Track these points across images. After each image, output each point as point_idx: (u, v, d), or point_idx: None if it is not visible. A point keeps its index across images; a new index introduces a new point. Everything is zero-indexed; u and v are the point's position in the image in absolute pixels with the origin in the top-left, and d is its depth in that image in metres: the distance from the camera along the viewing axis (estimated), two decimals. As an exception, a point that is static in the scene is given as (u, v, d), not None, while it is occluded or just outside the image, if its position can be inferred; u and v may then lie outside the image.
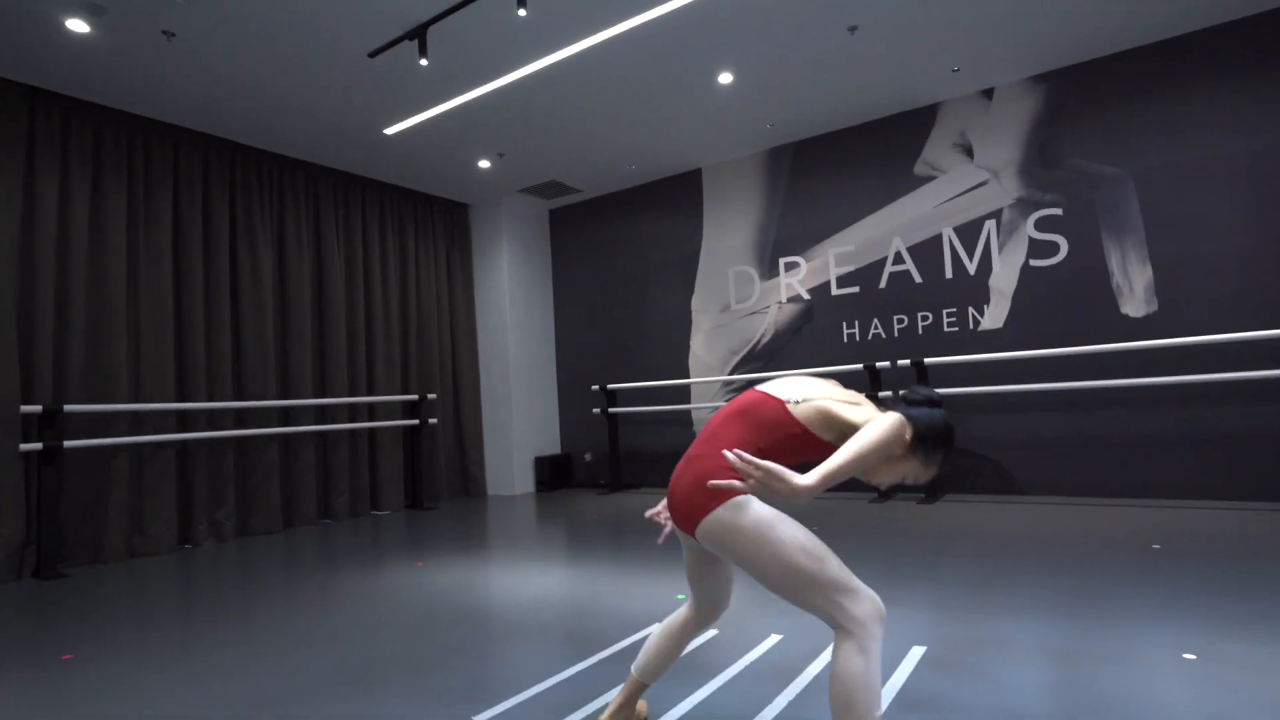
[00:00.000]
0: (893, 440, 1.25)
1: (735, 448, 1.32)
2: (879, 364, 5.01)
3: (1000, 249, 4.92)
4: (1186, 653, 1.97)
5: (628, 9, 3.73)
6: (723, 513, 1.28)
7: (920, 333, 5.19)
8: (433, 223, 6.67)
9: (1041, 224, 4.79)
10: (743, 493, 1.21)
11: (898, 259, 5.31)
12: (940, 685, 1.86)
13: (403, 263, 6.39)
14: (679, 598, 2.81)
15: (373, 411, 5.96)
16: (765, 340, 5.89)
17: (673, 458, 6.35)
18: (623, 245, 6.77)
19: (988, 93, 5.00)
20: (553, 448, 7.06)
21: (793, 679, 1.95)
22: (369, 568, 3.72)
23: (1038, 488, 4.73)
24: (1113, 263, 4.56)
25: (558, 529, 4.65)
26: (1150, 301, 4.44)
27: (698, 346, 6.28)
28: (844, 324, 5.53)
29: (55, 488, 3.98)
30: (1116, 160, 4.55)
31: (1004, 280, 4.90)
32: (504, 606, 2.86)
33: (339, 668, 2.24)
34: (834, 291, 5.58)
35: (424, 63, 3.88)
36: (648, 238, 6.61)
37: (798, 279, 5.78)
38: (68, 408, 4.05)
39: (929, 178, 5.21)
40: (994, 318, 4.92)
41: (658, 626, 1.61)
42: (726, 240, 6.14)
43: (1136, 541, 3.32)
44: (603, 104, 4.88)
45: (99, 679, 2.25)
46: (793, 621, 2.45)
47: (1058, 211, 4.74)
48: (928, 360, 4.77)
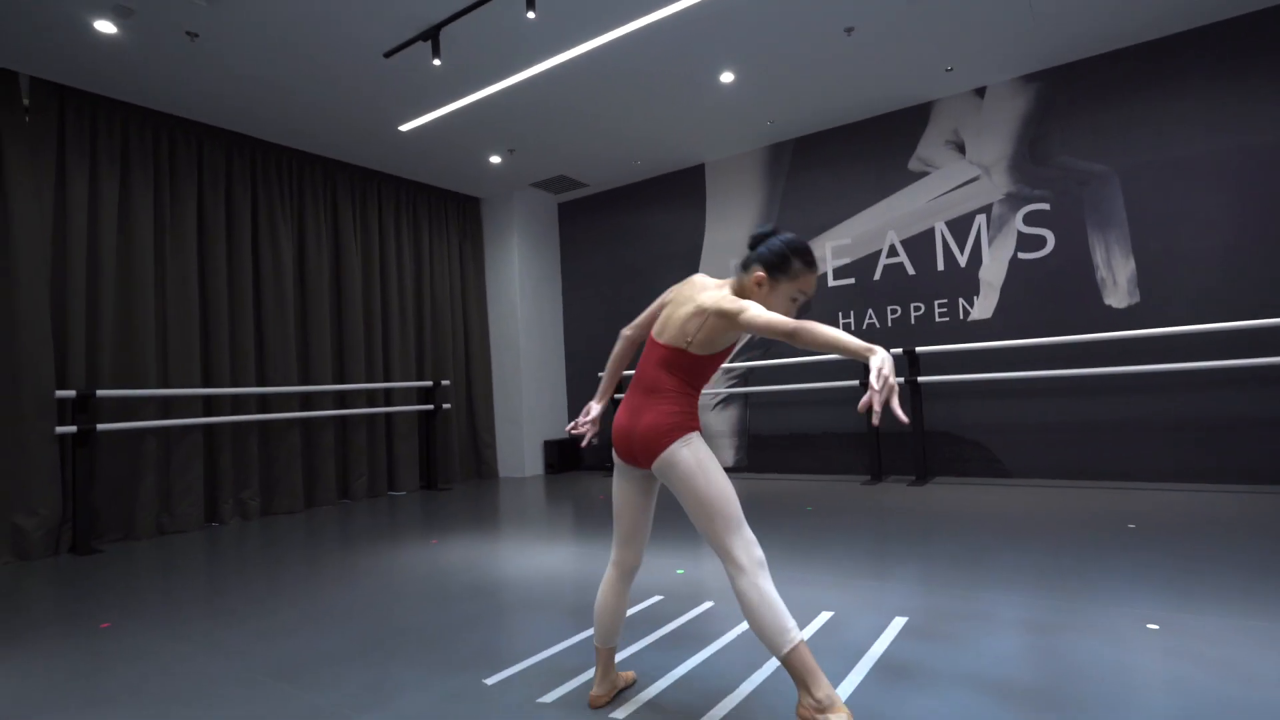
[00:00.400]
0: (761, 314, 1.39)
1: (677, 393, 1.56)
2: (872, 353, 5.03)
3: (990, 242, 4.93)
4: (1150, 623, 2.03)
5: (633, 11, 3.74)
6: (678, 447, 1.51)
7: (913, 322, 5.21)
8: (446, 216, 6.71)
9: (1030, 218, 4.79)
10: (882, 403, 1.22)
11: (892, 252, 5.32)
12: (918, 653, 1.91)
13: (417, 254, 6.43)
14: (678, 572, 2.88)
15: (389, 397, 6.04)
16: (764, 330, 5.92)
17: (674, 442, 6.41)
18: (629, 237, 6.79)
19: (980, 91, 4.98)
20: (561, 432, 7.14)
21: (782, 648, 2.01)
22: (386, 545, 3.80)
23: (1024, 471, 4.77)
24: (1097, 256, 4.56)
25: (565, 509, 4.72)
26: (1133, 293, 4.45)
27: (699, 336, 6.31)
28: (839, 314, 5.55)
29: (89, 469, 4.07)
30: (1103, 157, 4.55)
31: (993, 272, 4.91)
32: (513, 581, 2.93)
33: (358, 637, 2.31)
34: (831, 283, 5.60)
35: (437, 63, 3.90)
36: (653, 230, 6.63)
37: (795, 271, 5.79)
38: (100, 393, 4.13)
39: (923, 173, 5.21)
40: (983, 308, 4.94)
41: (600, 598, 1.68)
42: (728, 233, 6.16)
43: (1113, 521, 3.37)
44: (609, 102, 4.89)
45: (135, 645, 2.34)
46: (783, 594, 2.51)
47: (1045, 207, 4.74)
48: (919, 349, 4.81)
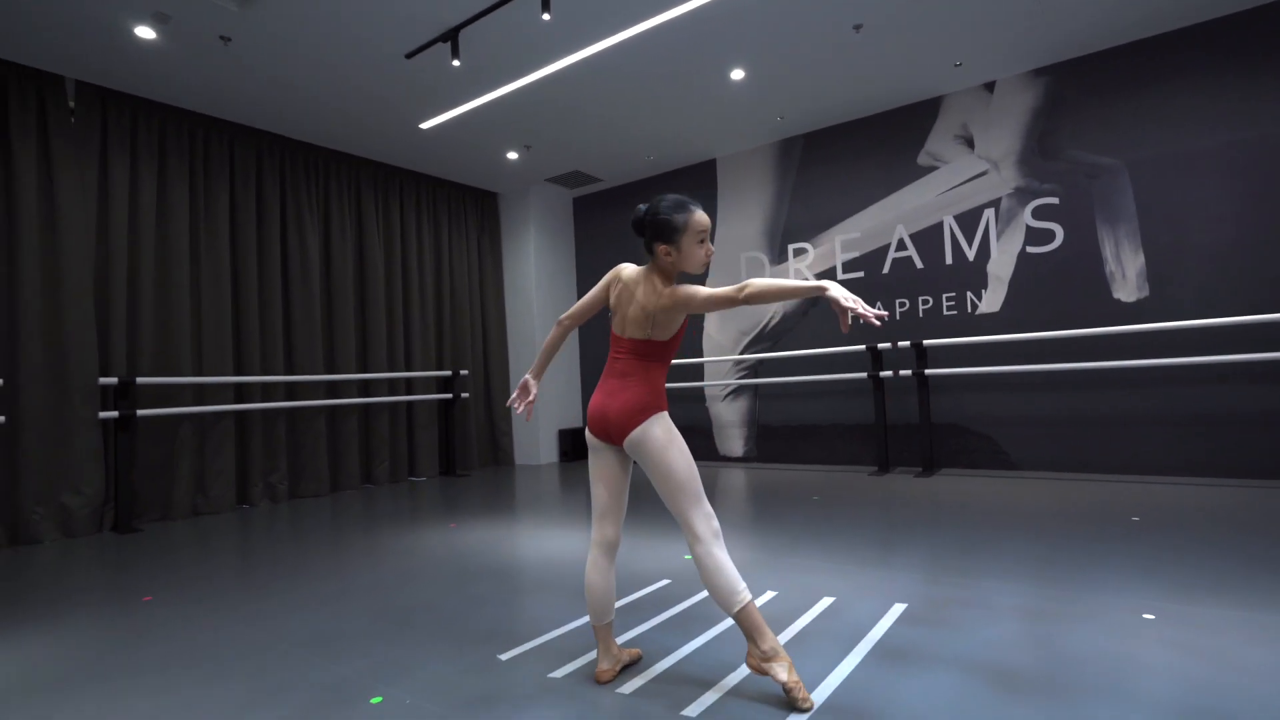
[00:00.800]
0: (701, 293, 1.59)
1: (647, 376, 1.68)
2: (880, 345, 5.01)
3: (999, 236, 4.87)
4: (1146, 613, 2.02)
5: (645, 11, 3.73)
6: (650, 424, 1.64)
7: (921, 316, 5.18)
8: (465, 210, 6.76)
9: (1039, 212, 4.73)
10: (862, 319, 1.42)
11: (900, 245, 5.28)
12: (915, 638, 1.93)
13: (437, 247, 6.50)
14: (686, 558, 2.92)
15: (410, 386, 6.13)
16: (774, 322, 5.92)
17: (687, 430, 6.43)
18: (641, 232, 6.79)
19: (989, 86, 4.90)
20: (575, 421, 7.20)
21: (784, 628, 2.04)
22: (407, 528, 3.88)
23: (1030, 464, 4.73)
24: (1106, 250, 4.49)
25: (578, 495, 4.78)
26: (1142, 287, 4.38)
27: (711, 328, 6.32)
28: (848, 308, 5.52)
29: (130, 452, 4.20)
30: (1113, 151, 4.46)
31: (1002, 266, 4.85)
32: (528, 563, 2.99)
33: (380, 613, 2.39)
34: (839, 276, 5.57)
35: (456, 63, 3.93)
36: (664, 225, 6.62)
37: (805, 264, 5.77)
38: (140, 380, 4.25)
39: (931, 168, 5.15)
40: (991, 302, 4.89)
41: (588, 580, 1.74)
42: (739, 227, 6.14)
43: (1118, 514, 3.34)
44: (622, 99, 4.89)
45: (175, 617, 2.43)
46: (787, 580, 2.53)
47: (1054, 200, 4.67)
48: (927, 341, 4.77)
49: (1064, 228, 4.63)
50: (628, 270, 1.74)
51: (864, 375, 5.11)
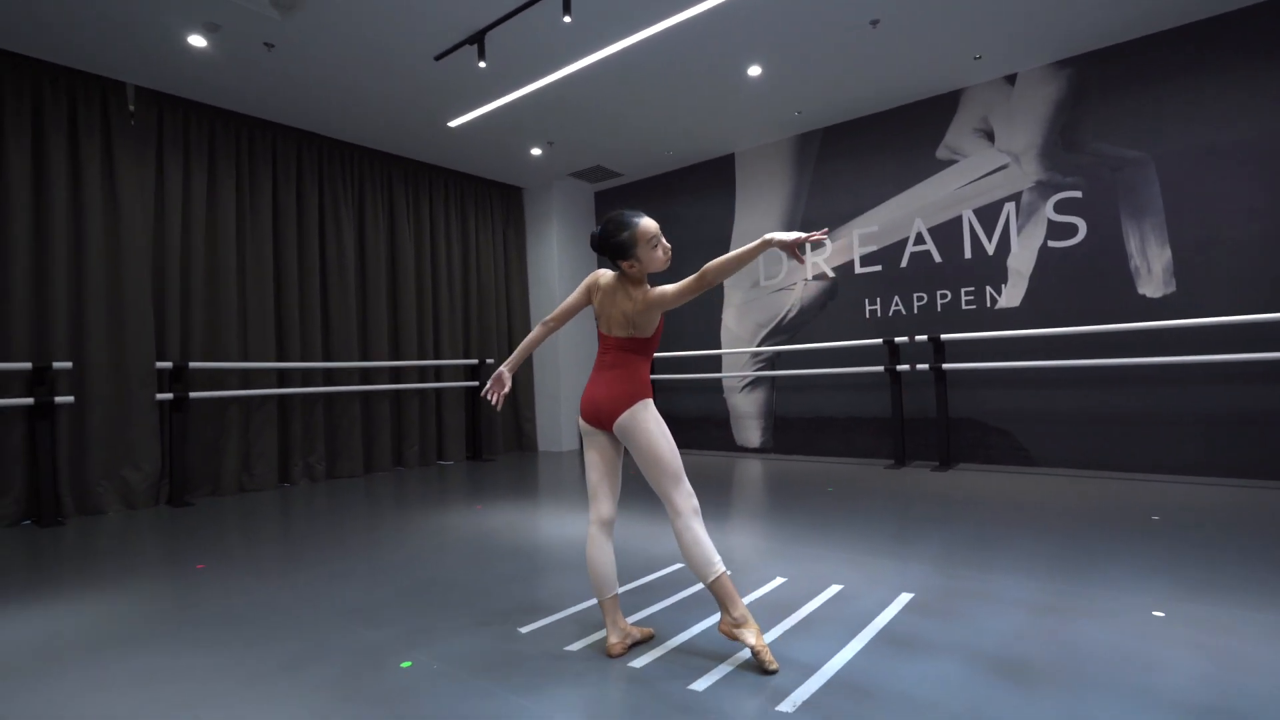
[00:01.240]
0: (669, 292, 1.75)
1: (634, 367, 1.82)
2: (898, 339, 4.98)
3: (1019, 230, 4.78)
4: (1157, 610, 1.99)
5: (663, 9, 3.75)
6: (637, 409, 1.78)
7: (939, 310, 5.12)
8: (490, 205, 6.87)
9: (1061, 206, 4.63)
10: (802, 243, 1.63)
11: (919, 239, 5.22)
12: (919, 626, 1.96)
13: (464, 240, 6.62)
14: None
15: (439, 373, 6.29)
16: (791, 315, 5.91)
17: (705, 421, 6.48)
18: (661, 224, 6.78)
19: (1010, 78, 4.80)
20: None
21: (790, 613, 2.10)
22: (436, 509, 4.02)
23: (1050, 460, 4.65)
24: (1131, 244, 4.39)
25: (598, 480, 4.86)
26: (1168, 283, 4.27)
27: (729, 320, 6.34)
28: (866, 301, 5.49)
29: (183, 431, 4.43)
30: (1139, 143, 4.34)
31: (1022, 261, 4.77)
32: (549, 544, 3.09)
33: (410, 587, 2.51)
34: (857, 270, 5.54)
35: (482, 64, 4.01)
36: (685, 218, 6.65)
37: (823, 258, 5.75)
38: (192, 365, 4.46)
39: (951, 161, 5.07)
40: (1012, 296, 4.82)
41: (590, 558, 1.84)
42: (757, 221, 6.13)
43: (1138, 512, 3.25)
44: (642, 96, 4.92)
45: (224, 585, 2.59)
46: (796, 568, 2.58)
47: (1077, 194, 4.56)
48: (944, 336, 4.73)
49: (1087, 222, 4.53)
50: (605, 276, 1.89)
51: (881, 369, 5.09)
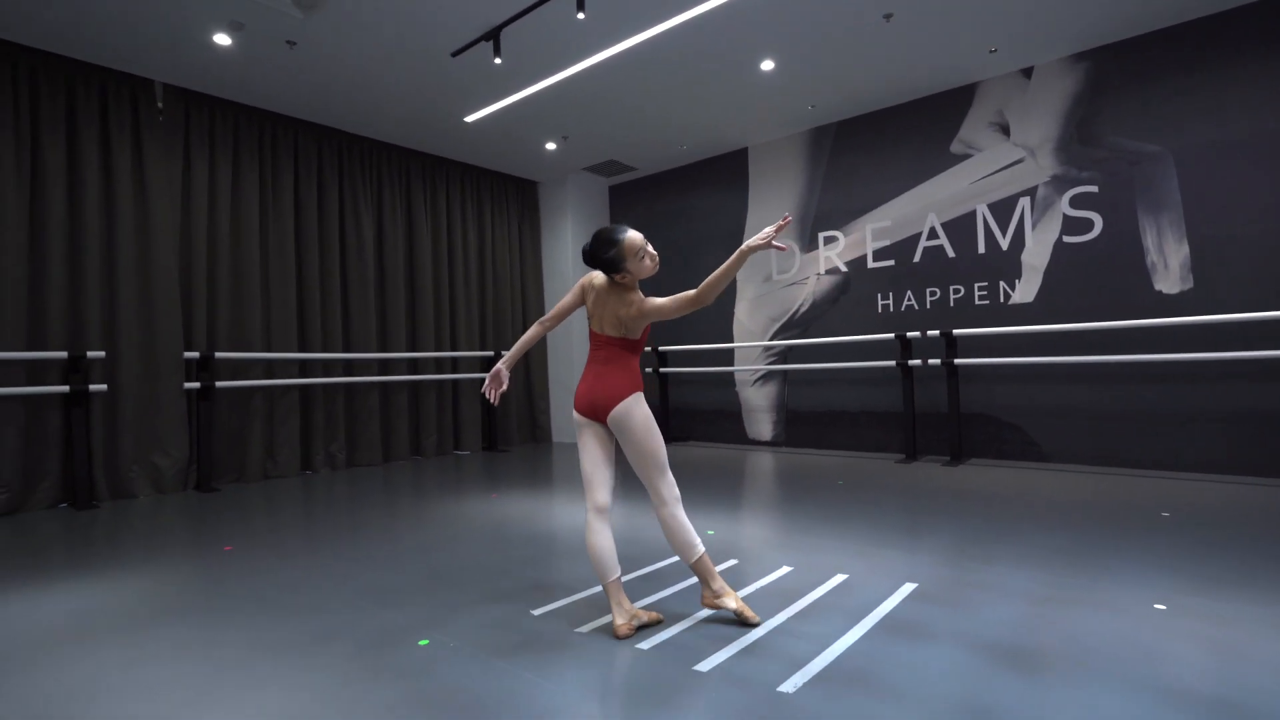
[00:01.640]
0: (665, 305, 1.87)
1: (626, 363, 1.95)
2: (910, 334, 4.97)
3: (1034, 225, 4.74)
4: (1158, 604, 2.00)
5: (678, 4, 3.76)
6: (630, 403, 1.90)
7: (952, 305, 5.10)
8: (506, 198, 6.93)
9: (1077, 201, 4.57)
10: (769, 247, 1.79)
11: (932, 234, 5.19)
12: (921, 615, 1.99)
13: (480, 234, 6.69)
14: (709, 533, 3.03)
15: (455, 364, 6.38)
16: (804, 309, 5.91)
17: (717, 414, 6.51)
18: (675, 218, 6.84)
19: (1027, 72, 4.74)
20: (610, 401, 7.34)
21: (795, 600, 2.14)
22: (453, 496, 4.11)
23: (1063, 456, 4.62)
24: (1148, 240, 4.33)
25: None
26: (1185, 279, 4.21)
27: (741, 314, 6.35)
28: (879, 295, 5.48)
29: (209, 419, 4.56)
30: (1156, 138, 4.27)
31: (1037, 256, 4.73)
32: (562, 531, 3.15)
33: (428, 570, 2.58)
34: (870, 265, 5.52)
35: (498, 61, 4.05)
36: (698, 211, 6.65)
37: (836, 252, 5.73)
38: (218, 355, 4.59)
39: (965, 156, 5.02)
40: (1025, 292, 4.78)
41: (591, 543, 1.92)
42: (771, 214, 6.12)
43: (1148, 509, 3.22)
44: (656, 91, 4.93)
45: (251, 566, 2.69)
46: (803, 558, 2.62)
47: (1094, 189, 4.51)
48: (957, 331, 4.71)
49: (1103, 217, 4.47)
50: (599, 278, 1.99)
51: (893, 363, 5.08)
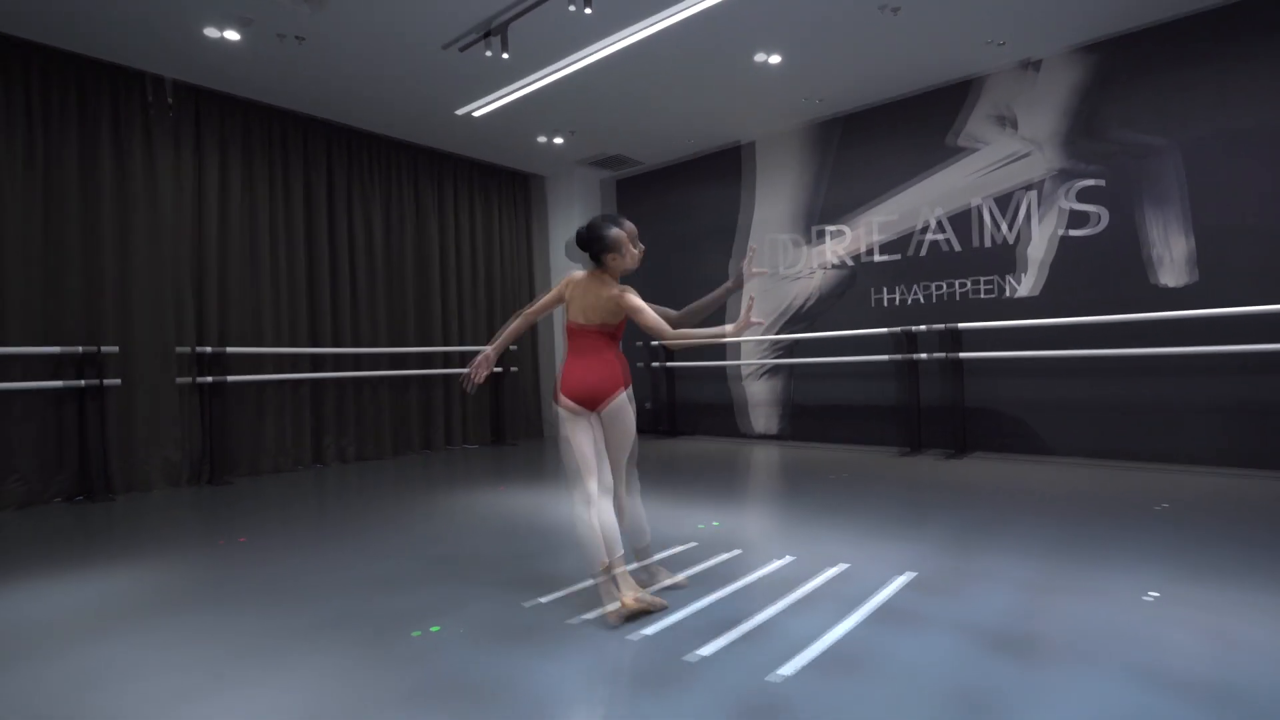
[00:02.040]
0: (650, 318, 1.98)
1: (615, 359, 2.08)
2: (914, 328, 4.97)
3: (1039, 219, 4.72)
4: (1151, 592, 2.02)
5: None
6: (621, 396, 2.05)
7: (955, 299, 5.09)
8: (513, 192, 6.96)
9: (1082, 194, 4.55)
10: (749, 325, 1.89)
11: (937, 228, 5.18)
12: (917, 603, 2.02)
13: (487, 228, 6.73)
14: (714, 525, 3.06)
15: (464, 359, 6.44)
16: (809, 304, 5.91)
17: (722, 408, 6.52)
18: (680, 212, 6.84)
19: (1034, 64, 4.70)
20: (616, 395, 7.38)
21: (794, 589, 2.17)
22: (460, 489, 4.17)
23: (1065, 449, 4.61)
24: (1154, 233, 4.30)
25: (616, 464, 4.97)
26: (1190, 272, 4.18)
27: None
28: (883, 289, 5.47)
29: (222, 414, 4.63)
30: (1163, 131, 4.24)
31: (1041, 249, 4.71)
32: (566, 524, 3.19)
33: (436, 561, 2.64)
34: (874, 258, 5.51)
35: (505, 56, 4.07)
36: (704, 205, 6.65)
37: (841, 246, 5.73)
38: (230, 349, 4.66)
39: (970, 149, 5.00)
40: (1029, 285, 4.76)
41: (602, 522, 1.98)
42: (775, 208, 6.12)
43: (1146, 500, 3.24)
44: (661, 85, 4.94)
45: (265, 556, 2.76)
46: (803, 548, 2.65)
47: (1100, 182, 4.48)
48: (961, 325, 4.71)
49: (1109, 210, 4.45)
50: (579, 275, 2.14)
51: (897, 357, 5.08)
